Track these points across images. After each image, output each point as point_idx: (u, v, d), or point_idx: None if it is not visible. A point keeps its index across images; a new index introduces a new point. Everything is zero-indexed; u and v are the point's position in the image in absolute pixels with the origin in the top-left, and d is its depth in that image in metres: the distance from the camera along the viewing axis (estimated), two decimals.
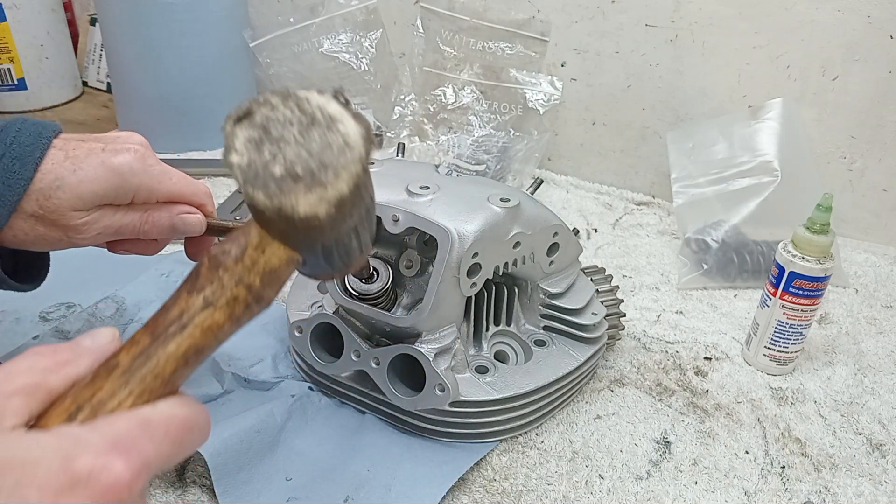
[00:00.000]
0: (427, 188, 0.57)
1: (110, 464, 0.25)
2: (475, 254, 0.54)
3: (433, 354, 0.54)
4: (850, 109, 0.90)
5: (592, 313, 0.63)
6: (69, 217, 0.47)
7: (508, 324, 0.64)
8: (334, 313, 0.58)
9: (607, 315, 0.65)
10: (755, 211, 0.85)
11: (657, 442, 0.61)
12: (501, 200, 0.57)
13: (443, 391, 0.53)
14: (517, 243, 0.57)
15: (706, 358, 0.72)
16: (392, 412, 0.59)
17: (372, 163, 0.62)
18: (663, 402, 0.65)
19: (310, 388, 0.62)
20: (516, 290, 0.63)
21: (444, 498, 0.53)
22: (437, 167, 0.64)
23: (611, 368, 0.69)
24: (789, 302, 0.65)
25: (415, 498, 0.52)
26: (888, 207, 0.94)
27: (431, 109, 1.05)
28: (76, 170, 0.46)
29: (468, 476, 0.55)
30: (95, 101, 1.31)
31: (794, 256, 0.64)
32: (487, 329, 0.62)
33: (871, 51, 0.86)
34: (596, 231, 0.95)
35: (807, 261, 0.63)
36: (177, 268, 0.77)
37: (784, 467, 0.59)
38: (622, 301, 0.68)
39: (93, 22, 1.32)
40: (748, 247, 0.84)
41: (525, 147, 1.01)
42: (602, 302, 0.65)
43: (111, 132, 0.51)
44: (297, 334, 0.58)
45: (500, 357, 0.62)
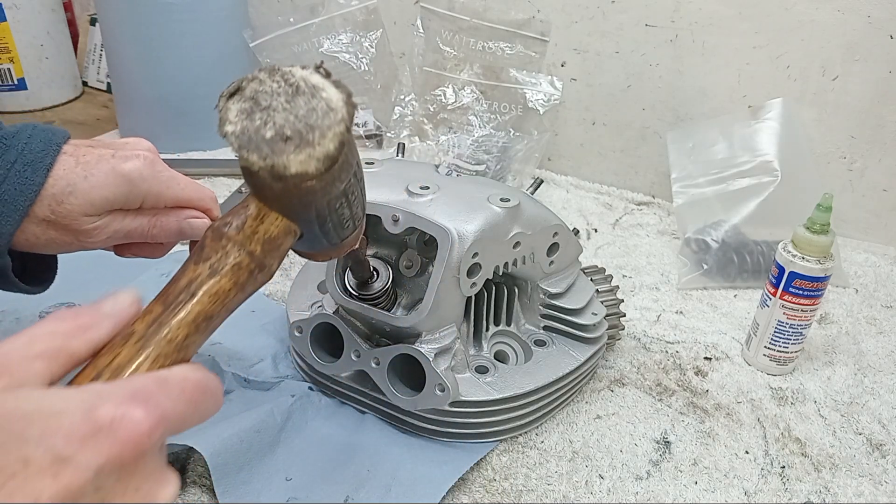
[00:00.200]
0: (427, 188, 0.57)
1: (130, 412, 0.26)
2: (475, 254, 0.54)
3: (433, 354, 0.54)
4: (850, 109, 0.90)
5: (592, 313, 0.63)
6: (81, 222, 0.48)
7: (508, 324, 0.64)
8: (334, 313, 0.58)
9: (607, 315, 0.65)
10: (755, 211, 0.85)
11: (657, 442, 0.61)
12: (501, 200, 0.57)
13: (443, 391, 0.53)
14: (517, 243, 0.57)
15: (706, 358, 0.72)
16: (392, 412, 0.59)
17: (371, 163, 0.62)
18: (663, 402, 0.65)
19: (310, 388, 0.62)
20: (516, 290, 0.63)
21: (444, 498, 0.53)
22: (437, 167, 0.64)
23: (611, 368, 0.69)
24: (789, 302, 0.65)
25: (415, 498, 0.52)
26: (888, 207, 0.94)
27: (431, 109, 1.05)
28: (88, 176, 0.47)
29: (468, 476, 0.55)
30: (95, 101, 1.31)
31: (794, 256, 0.64)
32: (487, 329, 0.62)
33: (871, 51, 0.86)
34: (596, 231, 0.95)
35: (807, 261, 0.63)
36: (177, 268, 0.77)
37: (784, 467, 0.59)
38: (622, 301, 0.68)
39: (93, 22, 1.32)
40: (748, 247, 0.84)
41: (525, 147, 1.01)
42: (602, 302, 0.65)
43: (120, 139, 0.52)
44: (297, 334, 0.58)
45: (500, 357, 0.62)
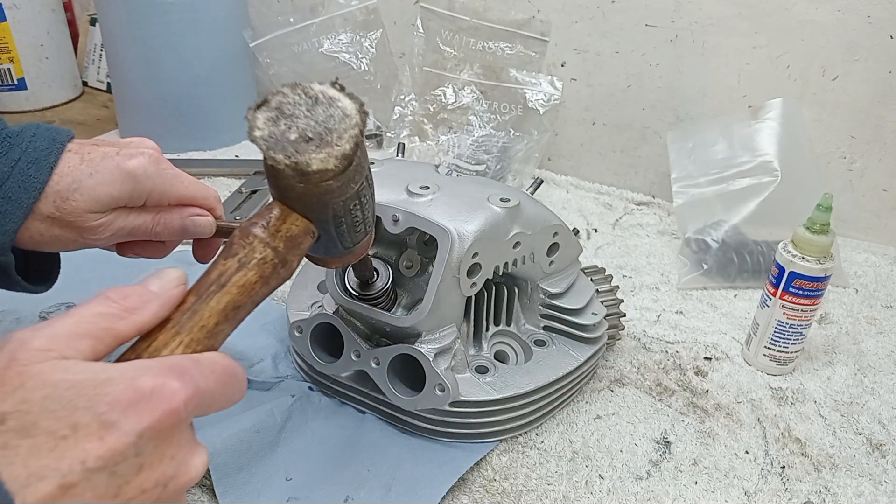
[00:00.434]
0: (427, 188, 0.57)
1: (168, 383, 0.29)
2: (475, 254, 0.54)
3: (433, 354, 0.54)
4: (850, 109, 0.90)
5: (592, 313, 0.63)
6: (85, 219, 0.48)
7: (508, 324, 0.64)
8: (334, 313, 0.58)
9: (607, 315, 0.65)
10: (755, 211, 0.85)
11: (657, 442, 0.61)
12: (501, 200, 0.57)
13: (443, 391, 0.53)
14: (517, 243, 0.57)
15: (706, 358, 0.72)
16: (392, 412, 0.59)
17: (371, 163, 0.62)
18: (663, 402, 0.65)
19: (310, 388, 0.62)
20: (516, 290, 0.63)
21: (444, 498, 0.53)
22: (437, 167, 0.64)
23: (611, 368, 0.69)
24: (789, 302, 0.65)
25: (415, 498, 0.52)
26: (888, 207, 0.94)
27: (431, 109, 1.05)
28: (93, 173, 0.47)
29: (468, 476, 0.55)
30: (95, 101, 1.31)
31: (794, 256, 0.64)
32: (487, 329, 0.62)
33: (871, 51, 0.86)
34: (596, 231, 0.95)
35: (807, 261, 0.63)
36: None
37: (784, 467, 0.59)
38: (622, 301, 0.68)
39: (93, 22, 1.32)
40: (748, 247, 0.84)
41: (525, 147, 1.01)
42: (602, 302, 0.65)
43: (123, 139, 0.52)
44: (297, 334, 0.58)
45: (500, 357, 0.62)
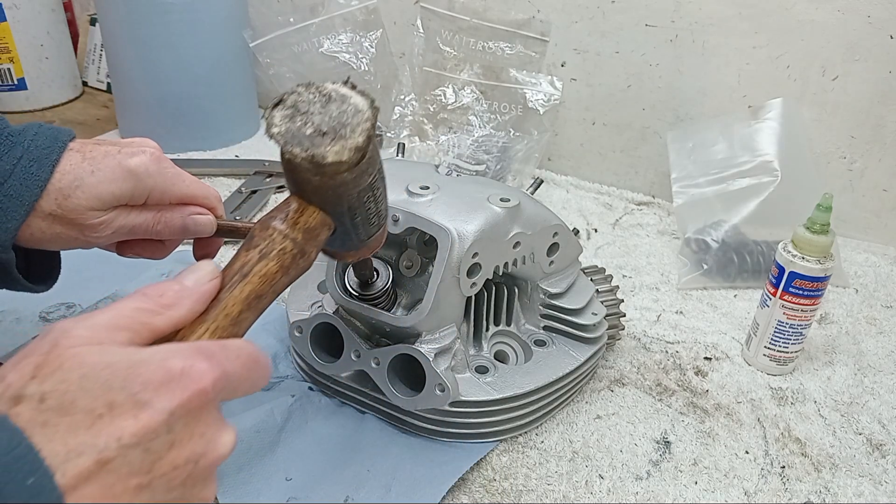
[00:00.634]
0: (427, 188, 0.57)
1: (197, 364, 0.30)
2: (475, 254, 0.54)
3: (433, 354, 0.54)
4: (850, 109, 0.90)
5: (592, 313, 0.63)
6: (87, 216, 0.48)
7: (508, 324, 0.64)
8: (334, 313, 0.58)
9: (607, 315, 0.65)
10: (755, 211, 0.85)
11: (657, 442, 0.61)
12: (501, 200, 0.57)
13: (443, 391, 0.53)
14: (517, 243, 0.57)
15: (706, 358, 0.72)
16: (392, 412, 0.59)
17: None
18: (663, 402, 0.65)
19: (310, 388, 0.62)
20: (516, 290, 0.63)
21: (444, 498, 0.53)
22: (437, 167, 0.64)
23: (611, 368, 0.69)
24: (789, 302, 0.65)
25: (415, 498, 0.52)
26: (888, 207, 0.94)
27: (431, 109, 1.05)
28: (94, 171, 0.48)
29: (468, 476, 0.55)
30: (95, 101, 1.31)
31: (794, 256, 0.63)
32: (487, 329, 0.62)
33: (871, 51, 0.86)
34: (596, 231, 0.95)
35: (807, 261, 0.63)
36: (177, 268, 0.77)
37: (784, 467, 0.59)
38: (622, 301, 0.68)
39: (93, 22, 1.32)
40: (748, 247, 0.84)
41: (525, 147, 1.01)
42: (602, 302, 0.65)
43: (125, 139, 0.52)
44: (297, 334, 0.58)
45: (500, 357, 0.62)
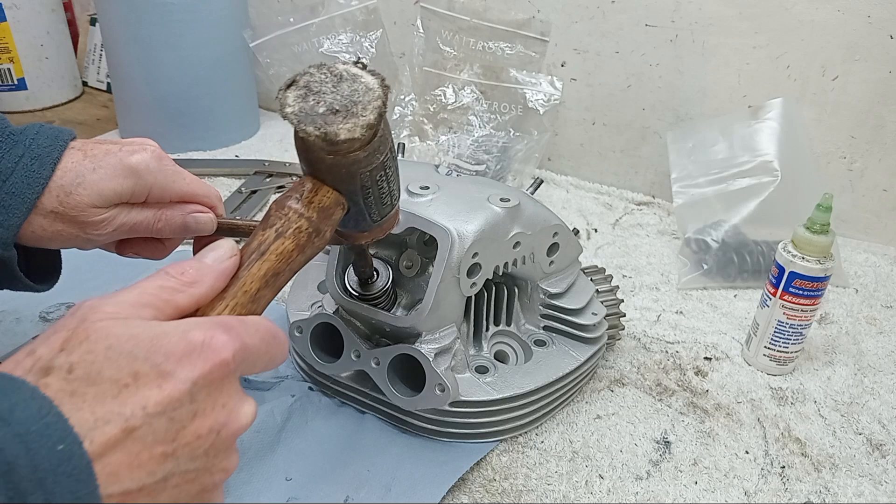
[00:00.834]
0: (427, 188, 0.57)
1: (217, 336, 0.31)
2: (475, 254, 0.54)
3: (433, 354, 0.54)
4: (850, 109, 0.90)
5: (592, 313, 0.63)
6: (88, 213, 0.48)
7: (508, 324, 0.64)
8: (334, 313, 0.58)
9: (607, 315, 0.65)
10: (755, 211, 0.85)
11: (657, 442, 0.61)
12: (501, 200, 0.57)
13: (443, 391, 0.53)
14: (517, 243, 0.57)
15: (706, 358, 0.72)
16: (392, 412, 0.59)
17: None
18: (663, 402, 0.65)
19: (310, 388, 0.62)
20: (516, 290, 0.63)
21: (444, 498, 0.53)
22: (437, 167, 0.64)
23: (611, 368, 0.69)
24: (789, 302, 0.65)
25: (415, 498, 0.52)
26: (888, 207, 0.94)
27: (431, 109, 1.05)
28: (96, 168, 0.48)
29: (468, 476, 0.55)
30: (95, 101, 1.31)
31: (794, 256, 0.63)
32: (487, 329, 0.62)
33: (871, 51, 0.86)
34: (596, 231, 0.95)
35: (807, 261, 0.63)
36: None
37: (784, 467, 0.59)
38: (622, 301, 0.68)
39: (93, 22, 1.32)
40: (748, 247, 0.84)
41: (525, 147, 1.01)
42: (602, 302, 0.65)
43: (125, 139, 0.52)
44: (297, 334, 0.58)
45: (500, 357, 0.62)
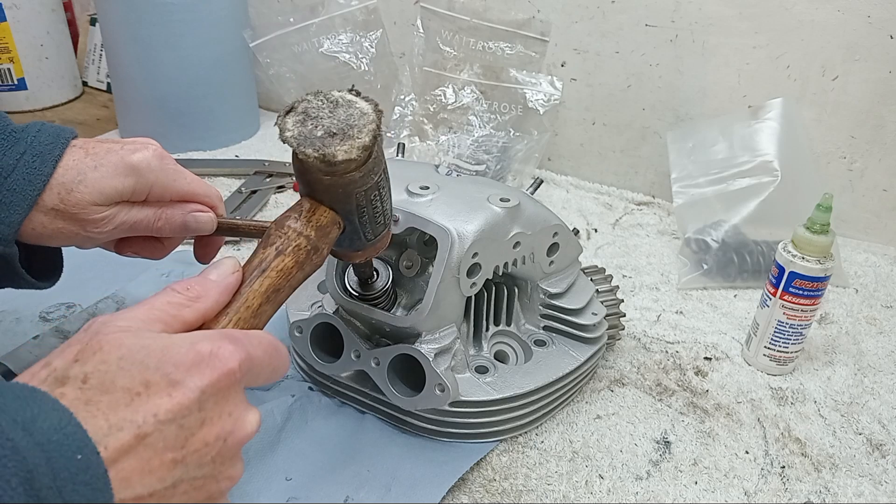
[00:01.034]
0: (427, 188, 0.57)
1: (225, 347, 0.33)
2: (475, 254, 0.54)
3: (433, 354, 0.54)
4: (850, 109, 0.90)
5: (592, 313, 0.63)
6: (89, 211, 0.48)
7: (508, 324, 0.64)
8: (334, 313, 0.58)
9: (607, 315, 0.65)
10: (755, 211, 0.85)
11: (657, 442, 0.61)
12: (501, 200, 0.57)
13: (443, 391, 0.53)
14: (517, 243, 0.57)
15: (706, 358, 0.72)
16: (392, 412, 0.59)
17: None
18: (663, 402, 0.65)
19: (310, 388, 0.62)
20: (516, 290, 0.63)
21: (444, 498, 0.53)
22: (437, 167, 0.64)
23: (611, 368, 0.69)
24: (789, 302, 0.65)
25: (415, 498, 0.52)
26: (888, 207, 0.94)
27: (431, 109, 1.05)
28: (97, 166, 0.48)
29: (468, 476, 0.55)
30: (95, 101, 1.31)
31: (794, 256, 0.63)
32: (487, 329, 0.62)
33: (871, 51, 0.86)
34: (596, 231, 0.95)
35: (807, 261, 0.63)
36: (177, 268, 0.77)
37: (784, 467, 0.59)
38: (622, 301, 0.68)
39: (93, 22, 1.32)
40: (748, 247, 0.84)
41: (525, 147, 1.01)
42: (602, 302, 0.65)
43: (125, 138, 0.52)
44: (297, 334, 0.58)
45: (500, 357, 0.62)
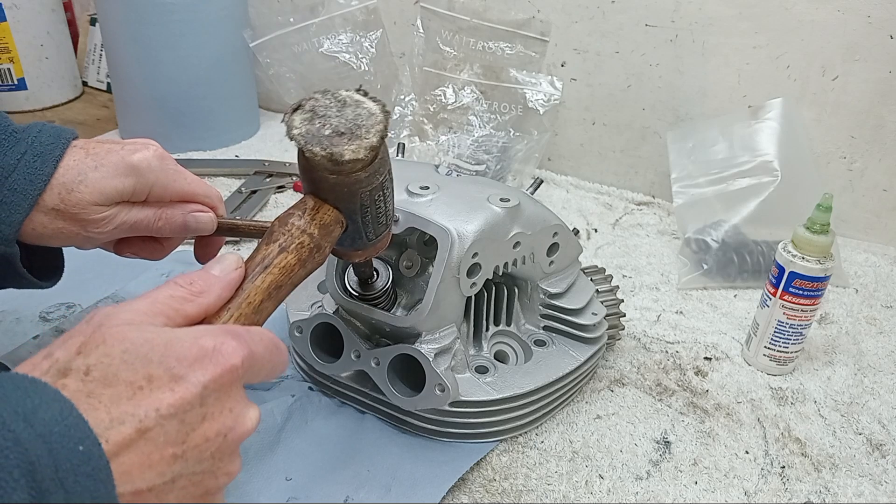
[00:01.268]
0: (427, 188, 0.57)
1: (227, 342, 0.33)
2: (475, 254, 0.54)
3: (433, 354, 0.54)
4: (850, 109, 0.90)
5: (592, 313, 0.63)
6: (89, 211, 0.48)
7: (508, 324, 0.64)
8: (334, 313, 0.58)
9: (607, 315, 0.65)
10: (755, 211, 0.85)
11: (657, 442, 0.61)
12: (501, 200, 0.57)
13: (443, 391, 0.53)
14: (517, 243, 0.57)
15: (706, 358, 0.72)
16: (392, 412, 0.59)
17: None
18: (663, 402, 0.65)
19: (310, 388, 0.62)
20: (516, 290, 0.63)
21: (444, 498, 0.53)
22: (437, 167, 0.64)
23: (611, 368, 0.69)
24: (789, 302, 0.65)
25: (415, 498, 0.52)
26: (888, 207, 0.94)
27: (431, 109, 1.05)
28: (98, 166, 0.48)
29: (468, 476, 0.55)
30: (95, 101, 1.31)
31: (794, 256, 0.63)
32: (487, 329, 0.62)
33: (871, 51, 0.86)
34: (596, 231, 0.95)
35: (807, 261, 0.63)
36: (177, 268, 0.77)
37: (784, 467, 0.59)
38: (622, 301, 0.68)
39: (93, 22, 1.32)
40: (748, 247, 0.84)
41: (525, 147, 1.01)
42: (602, 302, 0.65)
43: (125, 139, 0.52)
44: (297, 334, 0.58)
45: (500, 357, 0.62)
